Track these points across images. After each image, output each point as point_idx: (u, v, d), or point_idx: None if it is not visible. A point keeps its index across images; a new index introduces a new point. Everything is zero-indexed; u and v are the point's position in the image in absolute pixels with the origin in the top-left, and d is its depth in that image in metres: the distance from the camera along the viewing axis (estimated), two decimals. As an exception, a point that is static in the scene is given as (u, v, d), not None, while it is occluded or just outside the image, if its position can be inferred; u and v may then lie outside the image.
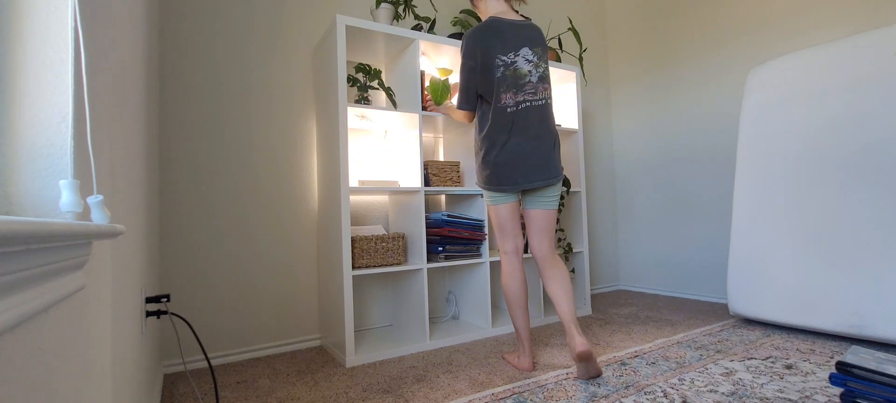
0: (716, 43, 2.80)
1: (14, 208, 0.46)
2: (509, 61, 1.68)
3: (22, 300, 0.34)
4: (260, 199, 2.10)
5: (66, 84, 0.48)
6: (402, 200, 2.22)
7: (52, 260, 0.39)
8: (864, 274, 1.82)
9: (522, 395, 1.45)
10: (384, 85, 2.10)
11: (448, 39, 2.23)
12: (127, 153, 0.92)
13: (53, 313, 0.43)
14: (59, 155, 0.48)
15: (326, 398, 1.51)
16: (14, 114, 0.47)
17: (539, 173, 1.67)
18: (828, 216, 1.96)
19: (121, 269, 0.83)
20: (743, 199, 2.27)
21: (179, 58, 1.96)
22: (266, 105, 2.13)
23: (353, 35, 2.02)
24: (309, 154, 2.23)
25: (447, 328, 2.27)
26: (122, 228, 0.55)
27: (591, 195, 3.33)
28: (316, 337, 2.19)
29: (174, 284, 1.90)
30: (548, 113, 1.71)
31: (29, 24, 0.48)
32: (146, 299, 1.26)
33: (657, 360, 1.73)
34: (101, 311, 0.64)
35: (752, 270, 2.17)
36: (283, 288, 2.13)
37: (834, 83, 2.04)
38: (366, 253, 1.98)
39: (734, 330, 2.13)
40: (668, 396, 1.39)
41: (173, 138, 1.93)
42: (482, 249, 2.25)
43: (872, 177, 1.86)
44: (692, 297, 2.94)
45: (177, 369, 1.86)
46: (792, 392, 1.39)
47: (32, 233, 0.31)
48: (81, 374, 0.51)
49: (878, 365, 1.19)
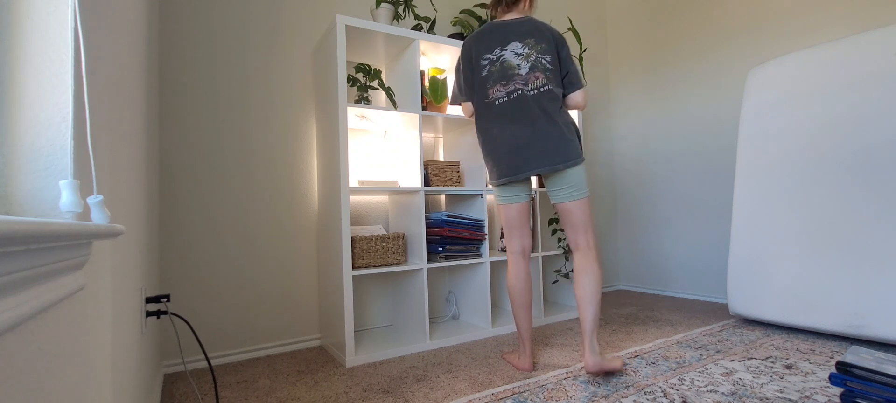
0: (716, 43, 2.80)
1: (14, 208, 0.46)
2: (495, 57, 1.70)
3: (22, 300, 0.34)
4: (260, 199, 2.10)
5: (66, 84, 0.48)
6: (402, 200, 2.22)
7: (52, 260, 0.39)
8: (864, 274, 1.82)
9: (522, 395, 1.45)
10: (384, 85, 2.10)
11: (448, 39, 2.23)
12: (127, 153, 0.92)
13: (53, 313, 0.43)
14: (59, 155, 0.48)
15: (326, 398, 1.51)
16: (14, 114, 0.47)
17: (542, 159, 1.63)
18: (828, 216, 1.96)
19: (121, 269, 0.83)
20: (743, 199, 2.27)
21: (179, 58, 1.96)
22: (266, 105, 2.13)
23: (353, 35, 2.02)
24: (309, 154, 2.23)
25: (447, 328, 2.27)
26: (122, 228, 0.55)
27: (591, 195, 3.33)
28: (316, 337, 2.19)
29: (174, 284, 1.90)
30: (547, 100, 1.65)
31: (29, 24, 0.48)
32: (146, 299, 1.26)
33: (657, 360, 1.73)
34: (101, 311, 0.64)
35: (752, 270, 2.17)
36: (283, 288, 2.13)
37: (834, 83, 2.04)
38: (366, 253, 1.98)
39: (734, 330, 2.13)
40: (668, 396, 1.39)
41: (173, 138, 1.93)
42: (482, 249, 2.25)
43: (872, 176, 1.86)
44: (692, 297, 2.94)
45: (177, 369, 1.86)
46: (792, 392, 1.39)
47: (32, 233, 0.31)
48: (81, 374, 0.51)
49: (878, 365, 1.19)
